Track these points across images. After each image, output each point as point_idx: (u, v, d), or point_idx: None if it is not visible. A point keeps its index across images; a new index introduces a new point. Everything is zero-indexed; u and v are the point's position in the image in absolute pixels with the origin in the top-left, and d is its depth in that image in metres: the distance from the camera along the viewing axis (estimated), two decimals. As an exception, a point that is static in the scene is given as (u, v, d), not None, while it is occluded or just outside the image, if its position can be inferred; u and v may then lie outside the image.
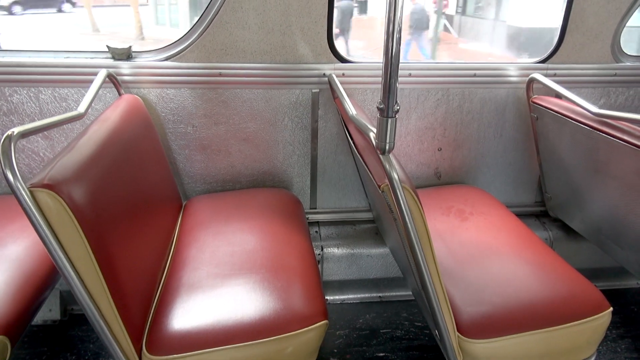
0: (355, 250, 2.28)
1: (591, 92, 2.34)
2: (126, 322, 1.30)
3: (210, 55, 2.05)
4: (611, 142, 1.74)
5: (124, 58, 2.04)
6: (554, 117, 2.05)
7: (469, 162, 2.42)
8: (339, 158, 2.31)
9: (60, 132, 2.10)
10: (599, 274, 2.47)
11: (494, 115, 2.33)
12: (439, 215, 2.03)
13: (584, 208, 2.09)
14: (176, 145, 2.19)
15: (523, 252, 1.74)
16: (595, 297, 1.54)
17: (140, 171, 1.68)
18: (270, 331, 1.38)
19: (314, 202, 2.39)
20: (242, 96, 2.14)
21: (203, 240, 1.79)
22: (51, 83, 2.02)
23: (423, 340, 2.17)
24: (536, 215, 2.54)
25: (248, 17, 2.01)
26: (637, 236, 1.78)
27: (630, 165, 1.69)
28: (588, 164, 1.93)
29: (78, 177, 1.25)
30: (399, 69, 1.13)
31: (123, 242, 1.38)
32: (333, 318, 2.26)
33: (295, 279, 1.57)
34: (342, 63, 2.13)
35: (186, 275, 1.59)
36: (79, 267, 1.21)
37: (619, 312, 2.35)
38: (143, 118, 1.90)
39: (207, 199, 2.12)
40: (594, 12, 2.18)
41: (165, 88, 2.08)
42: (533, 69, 2.25)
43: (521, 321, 1.46)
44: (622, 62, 2.32)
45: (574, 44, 2.23)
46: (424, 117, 2.29)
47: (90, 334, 2.12)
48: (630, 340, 2.18)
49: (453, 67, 2.23)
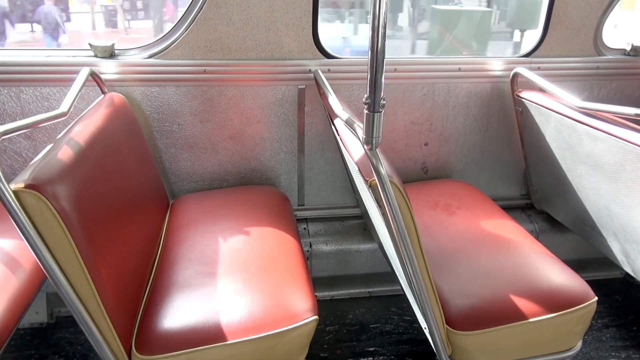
0: (343, 246, 2.29)
1: (574, 85, 2.37)
2: (115, 323, 1.29)
3: (195, 52, 2.04)
4: (594, 134, 1.76)
5: (106, 56, 2.02)
6: (538, 110, 2.07)
7: (455, 157, 2.44)
8: (326, 154, 2.31)
9: (42, 132, 2.07)
10: (584, 265, 2.50)
11: (479, 109, 2.35)
12: (427, 209, 2.04)
13: (569, 200, 2.11)
14: (162, 144, 2.17)
15: (509, 245, 1.76)
16: (580, 288, 1.56)
17: (126, 170, 1.67)
18: (260, 328, 1.38)
19: (301, 199, 2.39)
20: (228, 93, 2.12)
21: (191, 239, 1.78)
22: (32, 82, 1.98)
23: (412, 334, 2.18)
24: (522, 208, 2.57)
25: (232, 13, 1.99)
26: (620, 226, 1.81)
27: (613, 157, 1.72)
28: (572, 156, 1.95)
29: (62, 177, 1.24)
30: (384, 64, 1.13)
31: (110, 242, 1.37)
32: (323, 314, 2.26)
33: (284, 276, 1.57)
34: (328, 59, 2.13)
35: (174, 274, 1.58)
36: (65, 269, 1.20)
37: (604, 302, 2.39)
38: (127, 117, 1.88)
39: (194, 198, 2.10)
40: (577, 6, 2.20)
41: (150, 86, 2.06)
42: (517, 63, 2.26)
43: (508, 312, 1.47)
44: (604, 55, 2.35)
45: (557, 37, 2.25)
46: (410, 112, 2.30)
47: (78, 336, 2.10)
48: (615, 329, 2.22)
49: (438, 62, 2.24)
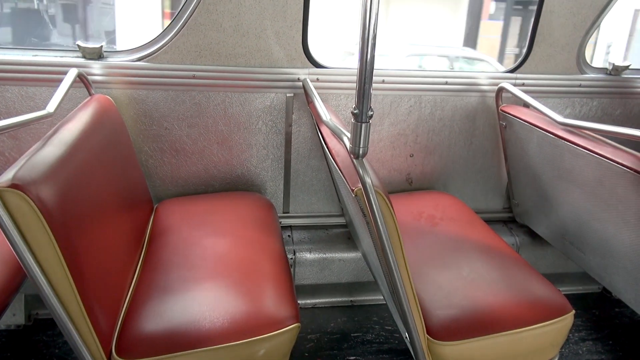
0: (327, 254, 2.30)
1: (557, 102, 2.42)
2: (95, 325, 1.28)
3: (184, 57, 2.04)
4: (575, 150, 1.80)
5: (95, 57, 2.01)
6: (522, 125, 2.11)
7: (440, 169, 2.47)
8: (312, 163, 2.32)
9: (27, 132, 2.05)
10: (563, 279, 2.54)
11: (464, 122, 2.38)
12: (410, 220, 2.06)
13: (549, 214, 2.15)
14: (148, 148, 2.16)
15: (490, 257, 1.78)
16: (558, 301, 1.59)
17: (111, 173, 1.66)
18: (242, 334, 1.38)
19: (286, 206, 2.39)
20: (216, 99, 2.13)
21: (175, 243, 1.77)
22: (18, 81, 1.97)
23: (393, 343, 2.19)
24: (504, 221, 2.60)
25: (223, 19, 2.00)
26: (599, 242, 1.85)
27: (593, 174, 1.76)
28: (553, 171, 1.99)
29: (46, 178, 1.23)
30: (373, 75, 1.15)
31: (92, 244, 1.36)
32: (304, 322, 2.26)
33: (267, 283, 1.57)
34: (317, 68, 2.15)
35: (157, 278, 1.57)
36: (47, 269, 1.18)
37: (582, 315, 2.43)
38: (114, 119, 1.87)
39: (179, 202, 2.10)
40: (560, 25, 2.25)
41: (138, 89, 2.06)
42: (502, 79, 2.31)
43: (488, 324, 1.49)
44: (586, 73, 2.41)
45: (541, 55, 2.31)
46: (397, 123, 2.32)
47: (56, 338, 2.07)
48: (592, 343, 2.26)
49: (425, 75, 2.27)
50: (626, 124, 2.51)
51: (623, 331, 2.34)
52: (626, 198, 1.64)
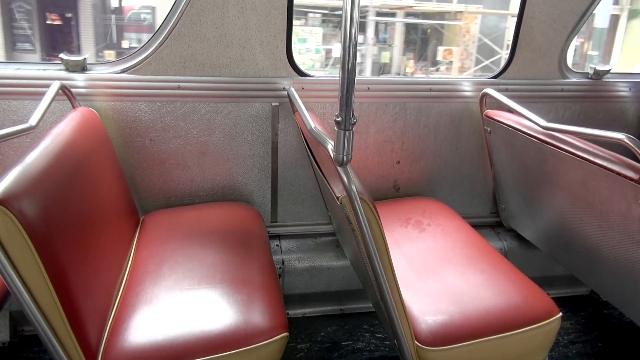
0: (316, 263, 2.29)
1: (540, 106, 2.45)
2: (80, 341, 1.26)
3: (168, 68, 2.04)
4: (558, 154, 1.82)
5: (78, 70, 2.00)
6: (506, 130, 2.13)
7: (426, 175, 2.48)
8: (299, 171, 2.32)
9: (9, 145, 2.02)
10: (551, 282, 2.56)
11: (449, 128, 2.40)
12: (398, 227, 2.07)
13: (535, 218, 2.17)
14: (133, 159, 2.15)
15: (478, 262, 1.79)
16: (545, 304, 1.60)
17: (96, 186, 1.65)
18: (231, 345, 1.37)
19: (274, 216, 2.39)
20: (201, 109, 2.13)
21: (161, 255, 1.76)
22: (0, 95, 1.95)
23: (384, 351, 2.18)
24: (491, 225, 2.62)
25: (207, 30, 2.01)
26: (584, 244, 1.87)
27: (576, 176, 1.77)
28: (538, 175, 2.01)
29: (29, 192, 1.21)
30: (356, 83, 1.16)
31: (77, 259, 1.34)
32: (294, 332, 2.25)
33: (256, 293, 1.56)
34: (302, 77, 2.16)
35: (144, 291, 1.56)
36: (30, 285, 1.17)
37: (570, 318, 2.44)
38: (98, 131, 1.86)
39: (165, 214, 2.08)
40: (542, 31, 2.29)
41: (122, 101, 2.05)
42: (486, 84, 2.33)
43: (476, 328, 1.50)
44: (568, 78, 2.44)
45: (523, 60, 2.33)
46: (382, 130, 2.33)
47: (42, 355, 2.04)
48: (581, 345, 2.27)
49: (410, 82, 2.29)
50: (608, 127, 2.54)
51: (612, 333, 2.36)
52: (609, 200, 1.66)
